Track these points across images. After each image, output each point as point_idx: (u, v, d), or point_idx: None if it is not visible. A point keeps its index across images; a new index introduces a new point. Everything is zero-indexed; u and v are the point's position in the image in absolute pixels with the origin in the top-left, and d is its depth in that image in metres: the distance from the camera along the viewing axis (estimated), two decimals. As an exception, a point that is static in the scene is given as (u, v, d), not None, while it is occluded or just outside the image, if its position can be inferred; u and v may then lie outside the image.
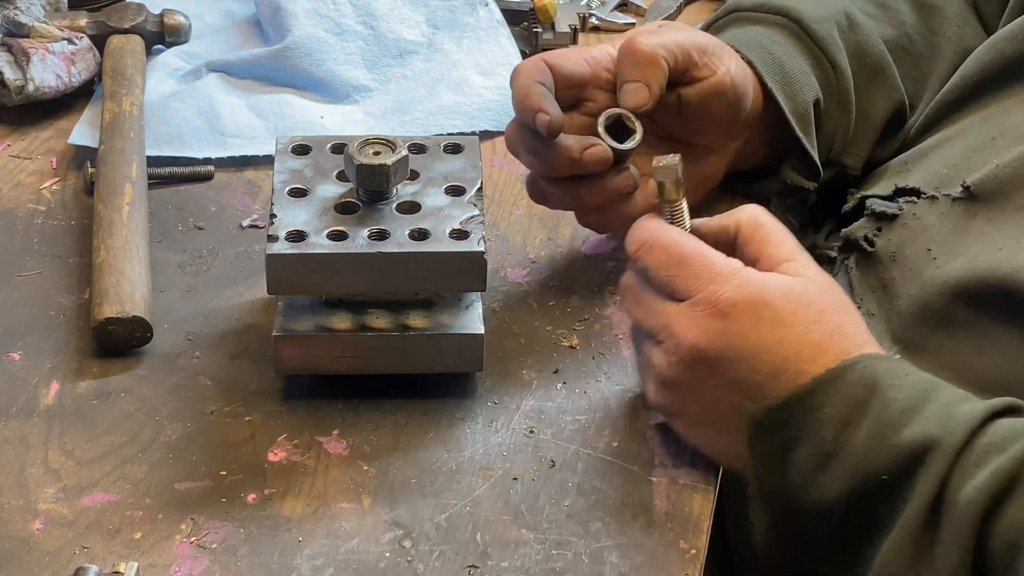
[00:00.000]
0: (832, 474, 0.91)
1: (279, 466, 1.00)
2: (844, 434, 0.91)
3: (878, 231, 1.14)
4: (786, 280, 0.95)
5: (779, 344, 0.93)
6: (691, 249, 0.96)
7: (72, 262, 1.17)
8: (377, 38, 1.38)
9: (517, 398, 1.05)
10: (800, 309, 0.94)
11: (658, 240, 0.97)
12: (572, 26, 1.43)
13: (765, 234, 0.98)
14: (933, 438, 0.89)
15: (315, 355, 1.04)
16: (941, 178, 1.13)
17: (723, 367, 0.95)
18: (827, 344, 0.93)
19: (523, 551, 0.95)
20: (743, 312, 0.94)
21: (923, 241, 1.10)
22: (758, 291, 0.94)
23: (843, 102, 1.19)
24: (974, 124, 1.16)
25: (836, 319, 0.95)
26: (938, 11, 1.26)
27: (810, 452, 0.92)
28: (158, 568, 0.93)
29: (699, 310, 0.95)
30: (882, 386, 0.92)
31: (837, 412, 0.91)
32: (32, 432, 1.02)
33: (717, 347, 0.94)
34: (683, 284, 0.95)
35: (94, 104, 1.33)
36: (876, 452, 0.90)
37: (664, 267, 0.96)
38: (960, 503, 0.87)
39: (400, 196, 1.05)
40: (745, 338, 0.94)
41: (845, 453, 0.91)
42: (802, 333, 0.94)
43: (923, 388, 0.92)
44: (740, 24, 1.21)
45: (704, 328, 0.94)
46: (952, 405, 0.91)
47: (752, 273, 0.95)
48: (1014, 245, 1.03)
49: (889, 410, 0.91)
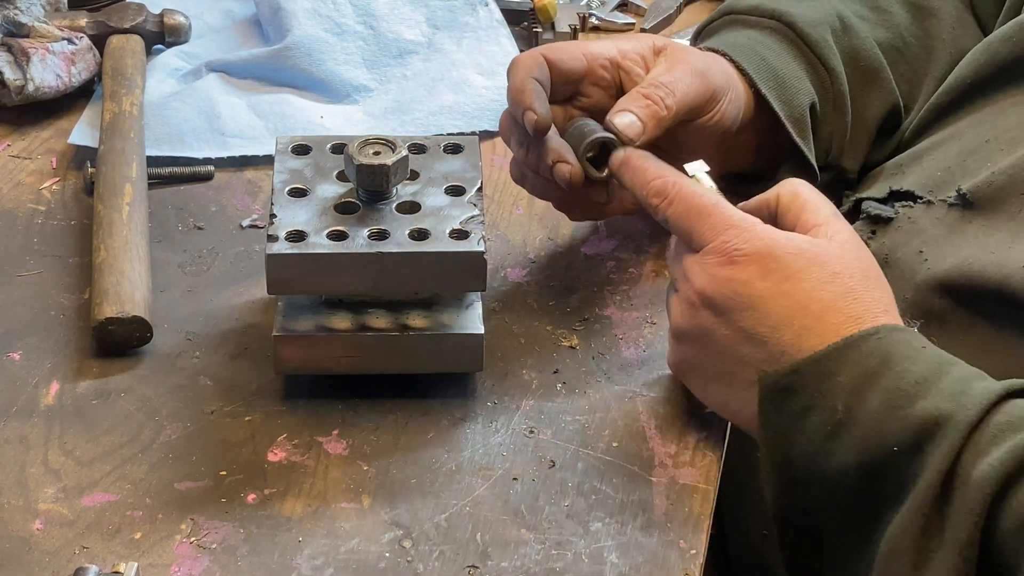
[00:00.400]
0: (842, 443, 0.91)
1: (279, 466, 1.00)
2: (855, 403, 0.91)
3: (872, 234, 1.14)
4: (803, 239, 0.97)
5: (784, 297, 0.95)
6: (710, 202, 0.99)
7: (72, 262, 1.17)
8: (377, 38, 1.38)
9: (517, 398, 1.05)
10: (811, 267, 0.95)
11: (679, 192, 1.00)
12: (572, 26, 1.43)
13: (802, 202, 1.00)
14: (946, 412, 0.89)
15: (315, 355, 1.04)
16: (936, 181, 1.13)
17: (728, 315, 0.96)
18: (837, 305, 0.94)
19: (523, 551, 0.95)
20: (751, 262, 0.96)
21: (916, 244, 1.10)
22: (768, 244, 0.96)
23: (839, 105, 1.19)
24: (968, 126, 1.16)
25: (851, 283, 0.95)
26: (933, 13, 1.26)
27: (821, 420, 0.92)
28: (158, 568, 0.93)
29: (710, 258, 0.97)
30: (896, 357, 0.92)
31: (849, 381, 0.91)
32: (32, 432, 1.02)
33: (723, 294, 0.96)
34: (699, 234, 0.98)
35: (94, 104, 1.33)
36: (888, 423, 0.90)
37: (684, 218, 0.99)
38: (973, 480, 0.86)
39: (400, 196, 1.05)
40: (750, 287, 0.95)
41: (856, 422, 0.91)
42: (810, 290, 0.94)
43: (938, 362, 0.92)
44: (734, 27, 1.21)
45: (711, 275, 0.97)
46: (967, 381, 0.91)
47: (767, 228, 0.97)
48: (1006, 250, 1.03)
49: (902, 381, 0.91)
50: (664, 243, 1.20)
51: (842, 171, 1.21)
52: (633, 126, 1.06)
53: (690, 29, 1.49)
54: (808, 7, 1.20)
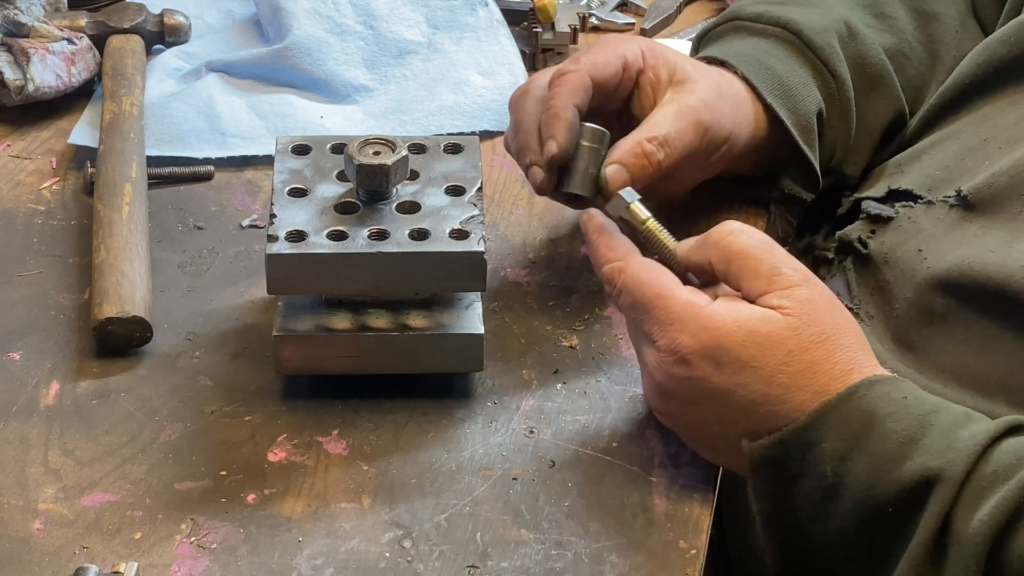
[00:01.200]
0: (837, 506, 0.91)
1: (279, 466, 1.00)
2: (844, 468, 0.91)
3: (872, 233, 1.14)
4: (751, 321, 0.93)
5: (743, 388, 0.93)
6: (653, 292, 0.96)
7: (72, 262, 1.17)
8: (377, 38, 1.38)
9: (517, 398, 1.05)
10: (763, 352, 0.93)
11: (624, 282, 0.98)
12: (572, 26, 1.43)
13: (737, 268, 0.96)
14: (935, 471, 0.88)
15: (315, 355, 1.04)
16: (934, 180, 1.13)
17: (695, 407, 0.96)
18: (798, 384, 0.93)
19: (523, 551, 0.95)
20: (701, 359, 0.94)
21: (915, 243, 1.10)
22: (716, 337, 0.93)
23: (844, 112, 1.19)
24: (967, 125, 1.16)
25: (807, 357, 0.93)
26: (936, 18, 1.26)
27: (813, 487, 0.92)
28: (158, 568, 0.93)
29: (663, 355, 0.96)
30: (879, 416, 0.91)
31: (834, 447, 0.91)
32: (32, 432, 1.02)
33: (684, 391, 0.96)
34: (648, 328, 0.97)
35: (94, 104, 1.33)
36: (878, 487, 0.90)
37: (632, 309, 0.98)
38: (966, 536, 0.86)
39: (400, 196, 1.05)
40: (709, 383, 0.94)
41: (847, 487, 0.91)
42: (767, 376, 0.93)
43: (921, 414, 0.91)
44: (739, 35, 1.20)
45: (669, 374, 0.96)
46: (952, 432, 0.90)
47: (713, 316, 0.94)
48: (1006, 250, 1.03)
49: (888, 443, 0.90)
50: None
51: (843, 176, 1.21)
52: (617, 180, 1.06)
53: (690, 29, 1.50)
54: (814, 14, 1.20)
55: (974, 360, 1.03)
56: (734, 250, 0.96)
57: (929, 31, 1.26)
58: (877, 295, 1.12)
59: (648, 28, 1.49)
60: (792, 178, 1.19)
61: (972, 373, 1.02)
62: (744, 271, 0.95)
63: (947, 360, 1.04)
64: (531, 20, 1.43)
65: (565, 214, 1.21)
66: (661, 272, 0.97)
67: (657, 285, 0.96)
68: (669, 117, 1.09)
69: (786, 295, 0.94)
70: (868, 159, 1.22)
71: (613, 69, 1.10)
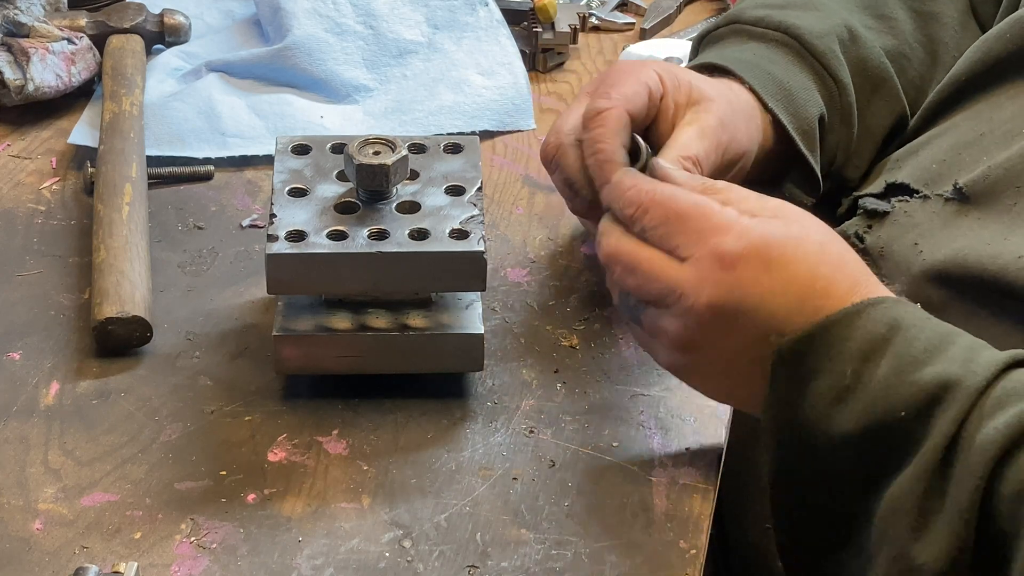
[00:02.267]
0: (848, 408, 0.91)
1: (279, 466, 1.00)
2: (864, 369, 0.91)
3: (868, 228, 1.14)
4: (778, 221, 0.95)
5: (792, 283, 0.93)
6: (689, 203, 0.95)
7: (72, 262, 1.17)
8: (377, 38, 1.38)
9: (517, 398, 1.06)
10: (802, 245, 0.94)
11: (654, 198, 0.96)
12: (572, 26, 1.43)
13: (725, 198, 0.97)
14: (954, 377, 0.89)
15: (315, 355, 1.04)
16: (931, 174, 1.13)
17: (741, 317, 0.94)
18: (836, 275, 0.94)
19: (523, 551, 0.95)
20: (752, 259, 0.93)
21: (911, 236, 1.10)
22: (760, 235, 0.94)
23: (846, 116, 1.19)
24: (964, 120, 1.16)
25: (834, 250, 0.95)
26: (936, 18, 1.26)
27: (828, 385, 0.92)
28: (158, 568, 0.93)
29: (705, 265, 0.94)
30: (905, 324, 0.91)
31: (858, 346, 0.91)
32: (32, 432, 1.02)
33: (733, 299, 0.93)
34: (684, 240, 0.94)
35: (94, 104, 1.33)
36: (895, 388, 0.90)
37: (664, 223, 0.95)
38: (976, 445, 0.86)
39: (400, 196, 1.05)
40: (759, 284, 0.93)
41: (863, 387, 0.91)
42: (812, 267, 0.93)
43: (945, 331, 0.92)
44: (740, 39, 1.20)
45: (716, 283, 0.93)
46: (975, 349, 0.91)
47: (750, 221, 0.95)
48: (1001, 242, 1.03)
49: (911, 348, 0.90)
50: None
51: (844, 179, 1.21)
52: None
53: (690, 29, 1.50)
54: (815, 18, 1.20)
55: None
56: (720, 185, 0.98)
57: (929, 31, 1.26)
58: None
59: (648, 28, 1.49)
60: (794, 182, 1.19)
61: None
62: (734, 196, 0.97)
63: None
64: (531, 20, 1.43)
65: (565, 214, 1.21)
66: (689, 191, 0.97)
67: (692, 196, 0.96)
68: (695, 137, 1.08)
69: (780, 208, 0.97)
70: (870, 162, 1.22)
71: (643, 100, 1.08)
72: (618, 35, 1.50)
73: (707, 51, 1.22)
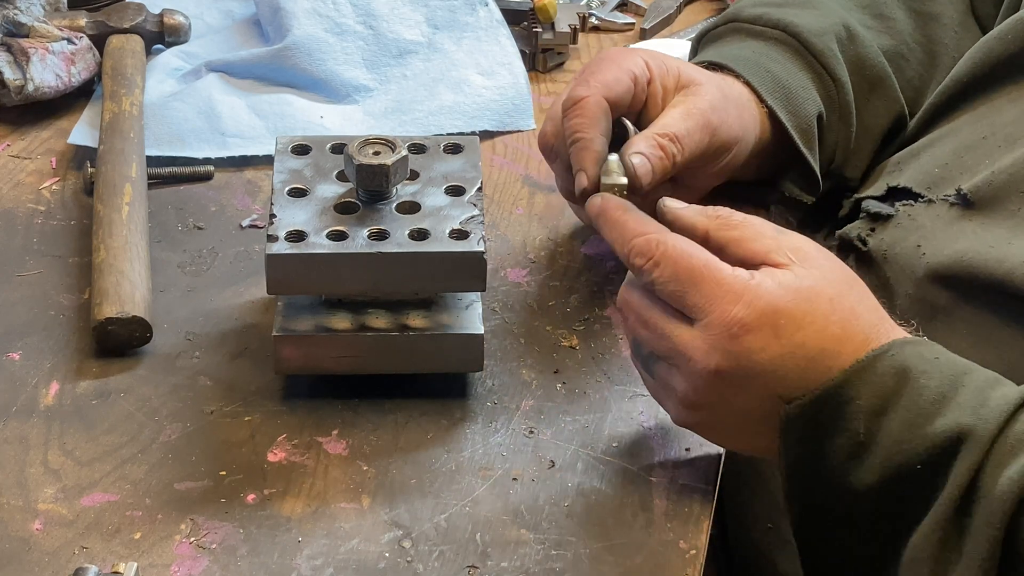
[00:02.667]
0: (865, 464, 0.91)
1: (279, 466, 1.00)
2: (876, 424, 0.91)
3: (871, 231, 1.14)
4: (791, 281, 0.93)
5: (802, 348, 0.92)
6: (700, 263, 0.94)
7: (72, 262, 1.17)
8: (377, 38, 1.38)
9: (517, 398, 1.05)
10: (812, 306, 0.92)
11: (665, 252, 0.94)
12: (572, 26, 1.43)
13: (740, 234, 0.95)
14: (967, 427, 0.88)
15: (315, 355, 1.03)
16: (933, 177, 1.13)
17: (749, 382, 0.93)
18: (847, 334, 0.92)
19: (523, 551, 0.95)
20: (762, 327, 0.92)
21: (914, 239, 1.10)
22: (769, 303, 0.92)
23: (844, 115, 1.19)
24: (965, 123, 1.16)
25: (847, 303, 0.93)
26: (935, 19, 1.26)
27: (843, 443, 0.91)
28: (158, 568, 0.93)
29: (714, 333, 0.92)
30: (913, 373, 0.91)
31: (869, 403, 0.91)
32: (32, 432, 1.02)
33: (741, 367, 0.92)
34: (693, 302, 0.93)
35: (94, 104, 1.33)
36: (910, 442, 0.90)
37: (674, 281, 0.94)
38: (993, 493, 0.86)
39: (400, 196, 1.05)
40: (767, 352, 0.92)
41: (878, 444, 0.91)
42: (821, 329, 0.92)
43: (954, 373, 0.91)
44: (739, 37, 1.20)
45: (724, 352, 0.92)
46: (984, 391, 0.90)
47: (760, 284, 0.93)
48: (1006, 246, 1.03)
49: (921, 399, 0.90)
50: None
51: (844, 179, 1.21)
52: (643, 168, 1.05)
53: (690, 29, 1.50)
54: (813, 16, 1.20)
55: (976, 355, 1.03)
56: (737, 219, 0.96)
57: (928, 32, 1.26)
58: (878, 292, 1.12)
59: (648, 28, 1.49)
60: (793, 181, 1.19)
61: None
62: (748, 235, 0.95)
63: None
64: (531, 20, 1.43)
65: (565, 214, 1.21)
66: (699, 247, 0.95)
67: (703, 256, 0.94)
68: (678, 117, 1.08)
69: (797, 248, 0.95)
70: (869, 161, 1.22)
71: (624, 87, 1.09)
72: (618, 35, 1.50)
73: (706, 50, 1.22)
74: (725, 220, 0.96)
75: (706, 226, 0.96)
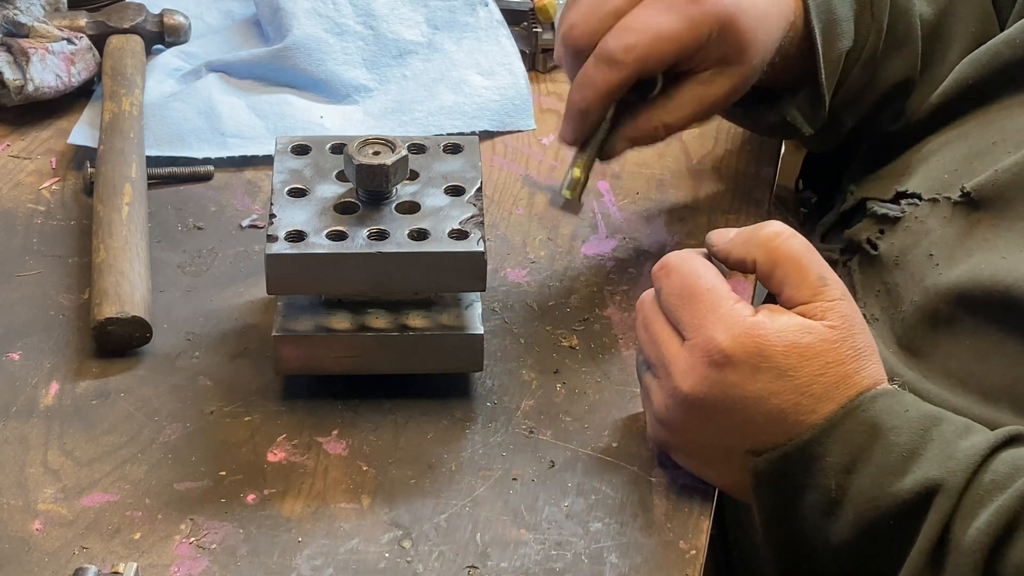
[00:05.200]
0: (840, 520, 0.92)
1: (279, 466, 1.00)
2: (847, 481, 0.91)
3: (880, 234, 1.14)
4: (793, 330, 0.92)
5: (776, 396, 0.92)
6: (704, 286, 0.94)
7: (72, 262, 1.17)
8: (377, 38, 1.38)
9: (517, 398, 1.05)
10: (803, 363, 0.92)
11: (679, 267, 0.96)
12: (572, 26, 1.43)
13: (783, 273, 0.95)
14: (936, 481, 0.89)
15: (315, 355, 1.03)
16: (942, 183, 1.12)
17: (719, 415, 0.94)
18: (830, 395, 0.92)
19: (523, 551, 0.94)
20: (741, 363, 0.92)
21: (925, 245, 1.10)
22: (758, 343, 0.92)
23: (866, 61, 1.17)
24: (974, 128, 1.15)
25: (843, 370, 0.92)
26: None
27: (816, 499, 0.92)
28: (157, 568, 0.93)
29: (697, 355, 0.93)
30: (883, 429, 0.91)
31: (838, 460, 0.91)
32: (32, 432, 1.02)
33: (713, 395, 0.93)
34: (686, 319, 0.94)
35: (94, 104, 1.33)
36: (880, 499, 0.90)
37: (677, 295, 0.95)
38: (964, 545, 0.87)
39: (400, 196, 1.05)
40: (742, 389, 0.92)
41: (849, 500, 0.91)
42: (803, 386, 0.92)
43: (924, 427, 0.91)
44: None
45: (701, 375, 0.93)
46: (952, 443, 0.90)
47: (757, 323, 0.92)
48: (1017, 254, 1.03)
49: (891, 456, 0.90)
50: (660, 243, 1.20)
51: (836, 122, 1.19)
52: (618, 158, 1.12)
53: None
54: None
55: (979, 366, 1.03)
56: (782, 253, 0.95)
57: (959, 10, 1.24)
58: (883, 297, 1.12)
59: (648, 28, 1.49)
60: (799, 104, 1.17)
61: (977, 379, 1.02)
62: (790, 278, 0.94)
63: (952, 365, 1.04)
64: (531, 20, 1.43)
65: (566, 214, 1.21)
66: (718, 274, 0.96)
67: (712, 280, 0.95)
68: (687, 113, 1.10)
69: (831, 308, 0.93)
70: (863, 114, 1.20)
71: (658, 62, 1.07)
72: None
73: None
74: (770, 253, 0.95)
75: (753, 256, 0.96)
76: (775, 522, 0.94)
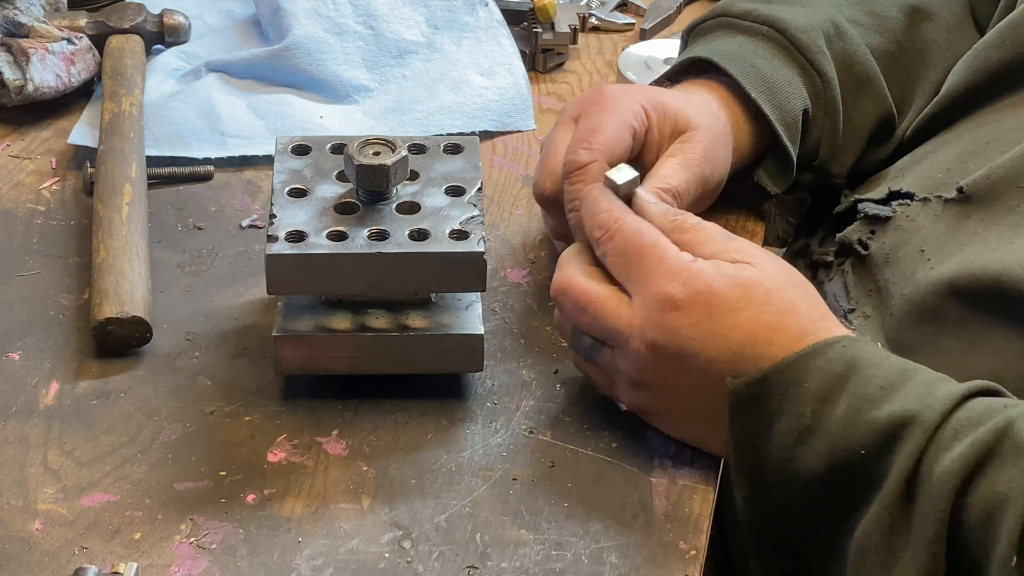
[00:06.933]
0: (811, 449, 0.93)
1: (279, 466, 1.00)
2: (823, 409, 0.92)
3: (871, 234, 1.15)
4: (731, 269, 0.97)
5: (732, 330, 0.95)
6: (648, 241, 0.98)
7: (72, 262, 1.17)
8: (377, 38, 1.38)
9: (517, 398, 1.05)
10: (747, 293, 0.96)
11: (620, 227, 0.99)
12: (572, 26, 1.43)
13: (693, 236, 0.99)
14: (912, 413, 0.90)
15: (315, 355, 1.03)
16: (936, 183, 1.13)
17: (684, 360, 0.97)
18: (782, 324, 0.95)
19: (523, 551, 0.95)
20: (694, 306, 0.96)
21: (916, 242, 1.10)
22: (705, 283, 0.96)
23: (830, 110, 1.19)
24: (968, 130, 1.16)
25: (786, 298, 0.96)
26: (930, 17, 1.26)
27: (789, 427, 0.93)
28: (157, 568, 0.93)
29: (651, 308, 0.97)
30: (862, 363, 0.93)
31: (816, 387, 0.93)
32: (32, 432, 1.02)
33: (673, 343, 0.96)
34: (635, 276, 0.98)
35: (94, 104, 1.33)
36: (855, 427, 0.91)
37: (623, 255, 0.99)
38: (936, 476, 0.88)
39: (400, 196, 1.05)
40: (698, 330, 0.96)
41: (823, 428, 0.92)
42: (755, 316, 0.95)
43: (903, 368, 0.94)
44: (726, 32, 1.21)
45: (656, 326, 0.97)
46: (932, 384, 0.92)
47: (700, 267, 0.97)
48: (1007, 245, 1.03)
49: (869, 386, 0.92)
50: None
51: (829, 175, 1.22)
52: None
53: (690, 29, 1.50)
54: (801, 13, 1.21)
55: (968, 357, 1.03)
56: (691, 222, 1.00)
57: (921, 30, 1.26)
58: (874, 295, 1.13)
59: (648, 28, 1.49)
60: (766, 169, 1.19)
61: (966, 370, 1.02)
62: (700, 237, 0.99)
63: (940, 357, 1.04)
64: (531, 20, 1.43)
65: (565, 214, 1.21)
66: (655, 229, 1.00)
67: (653, 236, 0.99)
68: (676, 169, 1.10)
69: (743, 250, 0.98)
70: (855, 158, 1.22)
71: (625, 147, 1.09)
72: (618, 35, 1.50)
73: (694, 44, 1.22)
74: (680, 223, 1.00)
75: (664, 227, 1.00)
76: (746, 449, 0.95)
